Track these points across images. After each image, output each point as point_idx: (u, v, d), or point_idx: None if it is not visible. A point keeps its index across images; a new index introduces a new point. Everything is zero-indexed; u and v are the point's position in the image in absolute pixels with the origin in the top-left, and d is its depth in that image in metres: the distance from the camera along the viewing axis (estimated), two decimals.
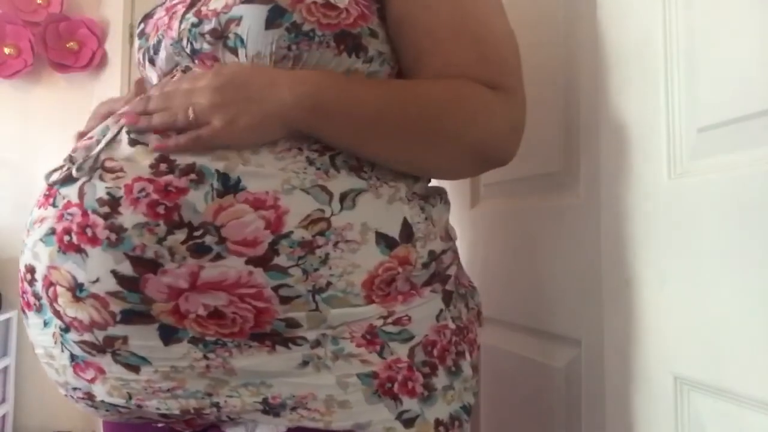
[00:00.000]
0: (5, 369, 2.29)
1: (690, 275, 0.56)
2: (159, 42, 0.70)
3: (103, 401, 0.61)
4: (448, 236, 0.70)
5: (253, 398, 0.58)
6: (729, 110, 0.53)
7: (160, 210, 0.55)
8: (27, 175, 2.47)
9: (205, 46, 0.64)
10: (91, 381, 0.60)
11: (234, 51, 0.63)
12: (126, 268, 0.55)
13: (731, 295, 0.51)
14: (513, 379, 0.91)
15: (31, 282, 0.61)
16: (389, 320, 0.60)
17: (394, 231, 0.61)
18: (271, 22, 0.61)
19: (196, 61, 0.66)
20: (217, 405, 0.59)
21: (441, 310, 0.64)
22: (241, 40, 0.62)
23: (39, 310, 0.61)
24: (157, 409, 0.60)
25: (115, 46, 2.53)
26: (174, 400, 0.59)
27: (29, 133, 2.49)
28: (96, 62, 2.48)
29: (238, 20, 0.62)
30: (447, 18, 0.65)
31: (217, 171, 0.57)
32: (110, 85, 2.53)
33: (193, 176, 0.56)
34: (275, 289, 0.56)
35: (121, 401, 0.60)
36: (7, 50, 2.40)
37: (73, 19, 2.46)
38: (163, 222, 0.55)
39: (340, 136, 0.61)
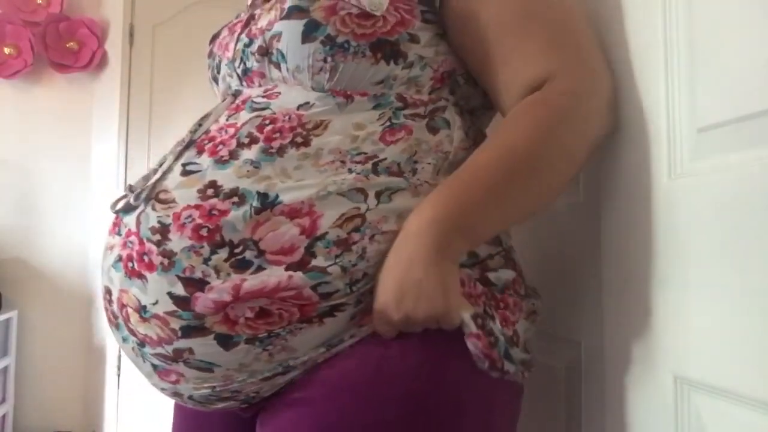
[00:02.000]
0: (5, 369, 2.29)
1: (690, 275, 0.56)
2: (219, 62, 0.74)
3: (190, 397, 0.64)
4: (496, 240, 0.68)
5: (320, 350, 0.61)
6: (729, 110, 0.53)
7: (204, 233, 0.58)
8: (27, 175, 2.47)
9: (255, 63, 0.67)
10: (175, 383, 0.63)
11: (277, 66, 0.66)
12: (179, 289, 0.58)
13: (731, 295, 0.51)
14: None
15: (110, 302, 0.65)
16: None
17: None
18: (306, 36, 0.63)
19: (244, 83, 0.69)
20: (294, 363, 0.61)
21: (468, 276, 0.62)
22: (282, 55, 0.65)
23: (117, 327, 0.65)
24: (239, 389, 0.62)
25: (115, 46, 2.54)
26: (251, 378, 0.61)
27: (29, 133, 2.49)
28: (96, 62, 2.48)
29: (279, 36, 0.64)
30: (512, 4, 0.64)
31: (258, 192, 0.59)
32: (110, 85, 2.53)
33: (235, 199, 0.59)
34: (314, 287, 0.57)
35: (206, 392, 0.63)
36: (7, 50, 2.40)
37: (73, 19, 2.47)
38: (206, 243, 0.58)
39: (492, 223, 0.62)
